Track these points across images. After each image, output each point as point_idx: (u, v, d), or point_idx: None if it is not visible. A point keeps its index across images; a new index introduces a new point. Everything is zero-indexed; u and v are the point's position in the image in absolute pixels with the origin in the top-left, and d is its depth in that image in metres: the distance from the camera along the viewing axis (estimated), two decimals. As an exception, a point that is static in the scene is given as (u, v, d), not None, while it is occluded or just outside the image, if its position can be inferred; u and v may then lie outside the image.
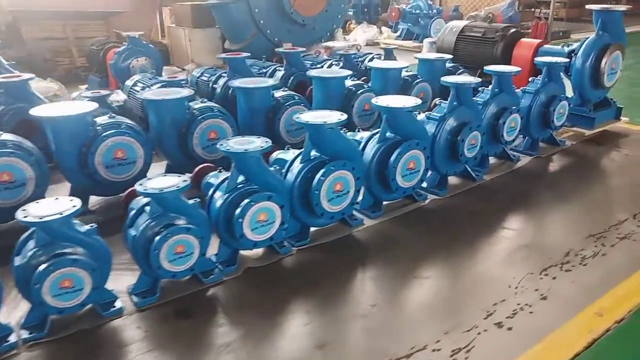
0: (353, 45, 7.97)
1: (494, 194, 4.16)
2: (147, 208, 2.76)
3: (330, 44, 7.82)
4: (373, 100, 3.63)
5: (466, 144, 3.98)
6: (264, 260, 3.18)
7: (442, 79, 4.04)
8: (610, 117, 5.64)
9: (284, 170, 3.29)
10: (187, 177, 2.83)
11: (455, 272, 3.12)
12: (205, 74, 5.93)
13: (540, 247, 3.32)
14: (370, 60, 6.66)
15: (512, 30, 6.10)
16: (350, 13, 13.32)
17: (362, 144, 3.72)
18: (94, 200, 3.92)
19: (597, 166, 4.77)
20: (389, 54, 6.50)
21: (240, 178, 3.01)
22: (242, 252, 3.17)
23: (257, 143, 2.97)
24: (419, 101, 3.62)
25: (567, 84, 5.21)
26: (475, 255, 3.29)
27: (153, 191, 2.64)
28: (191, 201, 2.85)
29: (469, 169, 4.31)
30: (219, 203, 2.97)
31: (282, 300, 2.87)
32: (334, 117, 3.23)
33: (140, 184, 2.72)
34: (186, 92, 4.13)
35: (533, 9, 17.38)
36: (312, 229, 3.47)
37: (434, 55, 5.66)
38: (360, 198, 3.60)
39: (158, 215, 2.71)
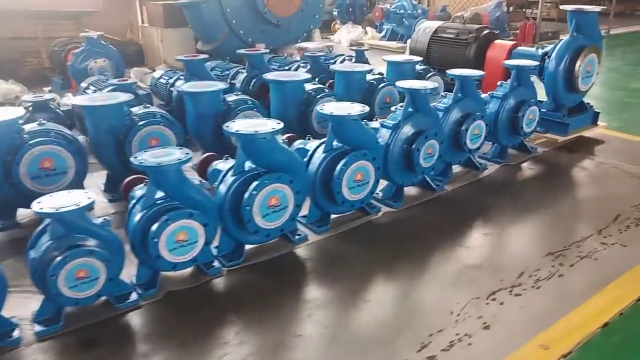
0: (327, 46, 7.71)
1: (453, 206, 3.91)
2: (49, 227, 2.50)
3: (304, 44, 7.57)
4: (318, 108, 3.37)
5: (422, 153, 3.72)
6: (189, 282, 2.92)
7: (397, 83, 3.78)
8: (587, 123, 5.38)
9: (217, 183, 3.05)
10: (91, 194, 2.56)
11: (397, 296, 2.87)
12: (164, 77, 5.67)
13: (492, 268, 3.07)
14: (342, 62, 6.43)
15: (486, 31, 5.84)
16: (335, 13, 13.09)
17: (309, 153, 3.47)
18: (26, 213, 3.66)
19: (567, 175, 4.51)
20: (360, 56, 6.23)
21: (161, 193, 2.76)
22: (166, 273, 2.91)
23: (175, 155, 2.71)
24: (366, 108, 3.36)
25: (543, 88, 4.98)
26: (421, 275, 3.03)
27: (50, 210, 2.38)
28: (100, 220, 2.59)
29: (428, 179, 4.06)
30: (135, 220, 2.71)
31: (204, 327, 2.62)
32: (269, 125, 2.98)
33: (39, 202, 2.46)
34: (125, 97, 3.87)
35: (524, 9, 17.17)
36: (249, 246, 3.21)
37: (402, 58, 5.40)
38: (305, 212, 3.35)
39: (59, 236, 2.46)
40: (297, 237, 3.34)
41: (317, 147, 3.46)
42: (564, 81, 4.96)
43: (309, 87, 4.82)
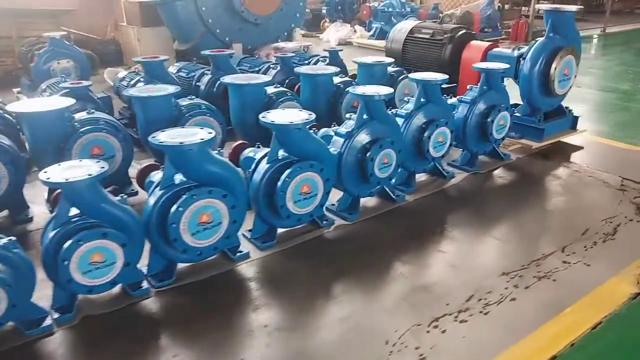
0: (304, 46, 7.48)
1: (412, 218, 3.69)
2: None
3: (281, 44, 7.35)
4: (261, 117, 3.15)
5: (377, 163, 3.50)
6: (110, 306, 2.71)
7: (350, 90, 3.56)
8: (565, 127, 5.15)
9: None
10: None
11: (335, 322, 2.65)
12: (126, 78, 5.47)
13: (440, 289, 2.84)
14: (315, 63, 6.21)
15: (462, 31, 5.60)
16: (324, 10, 12.86)
17: (255, 163, 3.26)
18: None
19: (539, 185, 4.28)
20: (334, 57, 6.00)
21: (76, 210, 2.55)
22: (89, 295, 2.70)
23: (87, 169, 2.50)
24: (312, 116, 3.14)
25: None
26: (362, 298, 2.81)
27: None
28: (4, 240, 2.39)
29: (387, 190, 3.84)
30: (48, 237, 2.51)
31: (119, 357, 2.41)
32: (198, 135, 2.76)
33: None
34: (67, 102, 3.66)
35: (520, 7, 16.84)
36: (184, 265, 3.01)
37: (372, 59, 5.17)
38: (249, 226, 3.15)
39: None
40: (238, 254, 3.13)
41: (263, 157, 3.25)
42: (539, 84, 4.73)
43: (270, 90, 4.61)
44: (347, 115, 3.65)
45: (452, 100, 4.47)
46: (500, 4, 12.55)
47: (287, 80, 5.48)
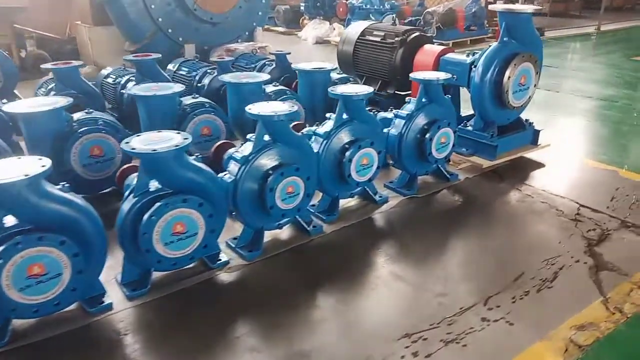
0: (259, 48, 6.95)
1: (322, 256, 3.17)
2: None
3: (233, 46, 6.84)
4: (123, 144, 2.61)
5: (278, 193, 2.99)
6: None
7: (247, 109, 3.03)
8: (525, 142, 4.61)
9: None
10: None
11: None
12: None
13: (319, 357, 2.34)
14: (261, 67, 5.70)
15: (415, 34, 5.05)
16: (302, 7, 12.33)
17: (129, 190, 2.75)
18: None
19: (481, 213, 3.73)
20: (282, 60, 5.48)
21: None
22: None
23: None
24: (187, 139, 2.62)
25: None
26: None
27: None
28: None
29: (301, 222, 3.34)
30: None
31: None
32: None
33: None
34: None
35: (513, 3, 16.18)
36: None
37: (311, 65, 4.65)
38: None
39: None
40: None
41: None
42: (491, 95, 4.19)
43: (187, 101, 4.12)
44: (248, 136, 3.13)
45: (390, 114, 3.96)
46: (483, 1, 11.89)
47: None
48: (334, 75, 4.87)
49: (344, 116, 3.43)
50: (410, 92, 5.09)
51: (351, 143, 3.41)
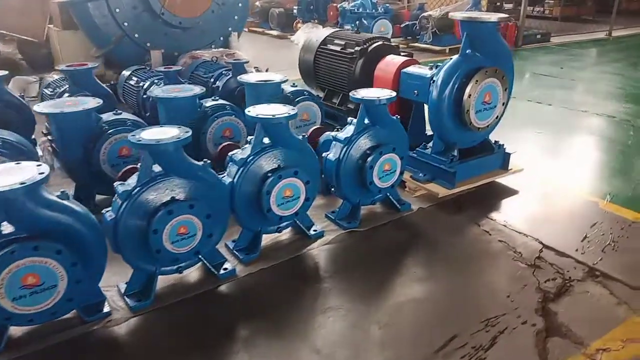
0: (229, 54, 6.52)
1: (227, 306, 2.71)
2: None
3: (198, 52, 6.41)
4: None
5: (166, 236, 2.54)
6: None
7: (130, 136, 2.58)
8: (493, 167, 4.09)
9: None
10: None
11: None
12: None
13: None
14: (217, 76, 5.26)
15: (377, 42, 4.55)
16: (295, 10, 11.90)
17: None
18: None
19: (426, 254, 3.21)
20: (238, 69, 5.03)
21: None
22: None
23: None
24: (43, 172, 2.19)
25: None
26: None
27: None
28: None
29: (207, 264, 2.88)
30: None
31: None
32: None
33: None
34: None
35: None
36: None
37: (255, 77, 4.20)
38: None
39: None
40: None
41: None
42: (450, 114, 3.69)
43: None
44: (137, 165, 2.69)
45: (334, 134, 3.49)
46: (483, 5, 11.28)
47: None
48: (287, 88, 4.40)
49: (366, 121, 3.28)
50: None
51: (373, 149, 3.26)
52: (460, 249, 3.23)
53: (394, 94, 3.33)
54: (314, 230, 3.32)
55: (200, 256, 2.82)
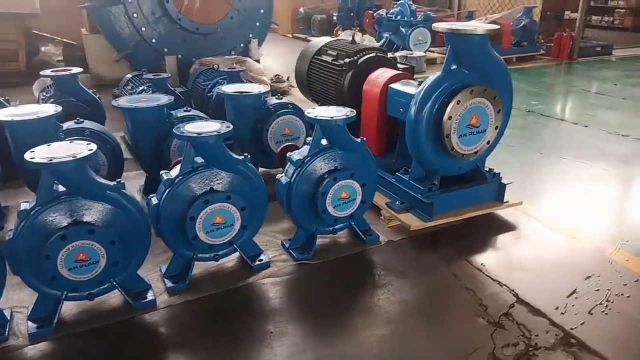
0: (240, 62, 6.31)
1: (128, 343, 2.45)
2: None
3: (208, 59, 6.28)
4: None
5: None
6: None
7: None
8: (485, 199, 3.58)
9: None
10: None
11: None
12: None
13: None
14: (213, 85, 5.08)
15: (369, 54, 4.15)
16: (335, 18, 11.63)
17: None
18: None
19: (376, 300, 2.76)
20: (234, 78, 4.81)
21: None
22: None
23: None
24: None
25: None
26: None
27: None
28: None
29: (124, 294, 2.64)
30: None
31: None
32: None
33: None
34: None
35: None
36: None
37: (232, 89, 3.94)
38: None
39: None
40: None
41: None
42: (429, 138, 3.25)
43: (272, 101, 4.04)
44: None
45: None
46: (536, 13, 10.44)
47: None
48: (271, 101, 4.12)
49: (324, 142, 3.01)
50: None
51: (329, 174, 2.96)
52: (416, 296, 2.79)
53: (353, 113, 2.96)
54: (259, 260, 3.01)
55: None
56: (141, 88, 4.82)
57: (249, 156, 2.81)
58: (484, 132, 3.32)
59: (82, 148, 2.36)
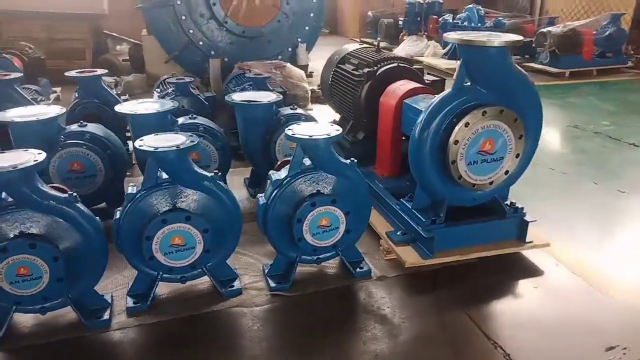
0: (279, 67, 6.12)
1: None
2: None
3: (249, 63, 6.15)
4: None
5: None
6: None
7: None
8: (505, 236, 3.09)
9: None
10: None
11: None
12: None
13: None
14: (241, 90, 4.91)
15: (390, 65, 3.76)
16: (400, 22, 11.17)
17: None
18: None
19: (346, 347, 2.43)
20: (259, 85, 4.63)
21: None
22: None
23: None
24: None
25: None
26: None
27: None
28: None
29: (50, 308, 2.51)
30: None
31: None
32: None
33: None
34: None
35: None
36: None
37: (242, 97, 3.75)
38: None
39: None
40: None
41: None
42: (433, 163, 2.84)
43: (285, 111, 3.81)
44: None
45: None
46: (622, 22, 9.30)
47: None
48: (285, 111, 3.88)
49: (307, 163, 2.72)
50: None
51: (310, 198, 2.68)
52: (392, 347, 2.41)
53: (338, 131, 2.63)
54: (230, 287, 2.77)
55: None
56: (165, 92, 4.76)
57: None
58: (501, 161, 2.85)
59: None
